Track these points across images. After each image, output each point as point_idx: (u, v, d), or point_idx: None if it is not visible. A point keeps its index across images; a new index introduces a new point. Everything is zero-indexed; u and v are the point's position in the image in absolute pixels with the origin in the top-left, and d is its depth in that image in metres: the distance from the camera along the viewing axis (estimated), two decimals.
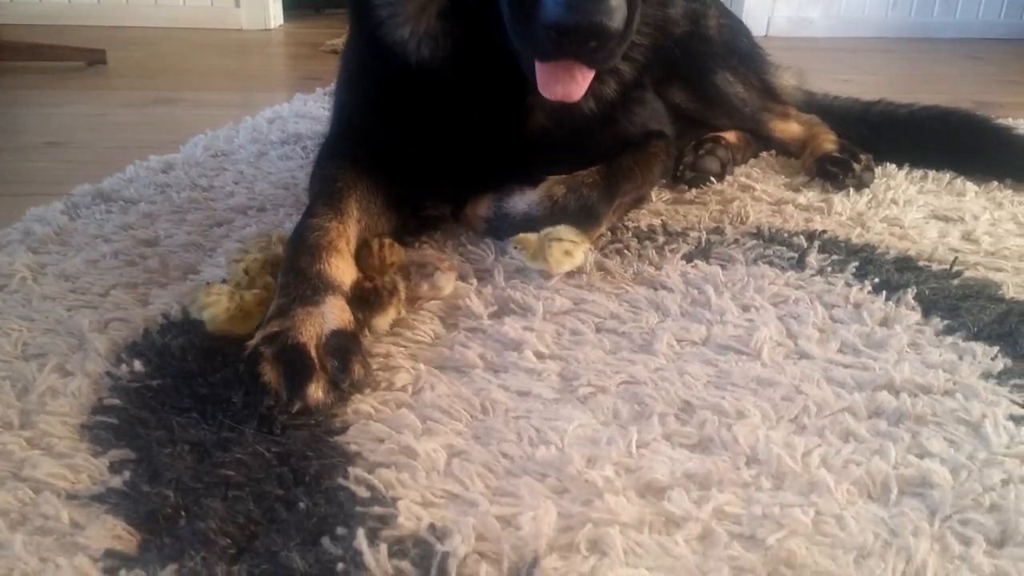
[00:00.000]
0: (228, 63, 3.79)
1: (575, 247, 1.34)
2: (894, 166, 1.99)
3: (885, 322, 1.25)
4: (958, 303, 1.30)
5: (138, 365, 1.08)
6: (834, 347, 1.17)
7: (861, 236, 1.58)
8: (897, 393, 1.06)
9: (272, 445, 0.93)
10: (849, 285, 1.36)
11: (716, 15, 2.05)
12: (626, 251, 1.48)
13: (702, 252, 1.48)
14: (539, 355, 1.15)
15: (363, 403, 1.03)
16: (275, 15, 4.93)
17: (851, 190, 1.82)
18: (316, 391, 1.00)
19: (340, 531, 0.81)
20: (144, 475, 0.89)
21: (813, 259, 1.44)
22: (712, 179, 1.86)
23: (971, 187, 1.88)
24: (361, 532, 0.79)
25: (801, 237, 1.54)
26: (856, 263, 1.43)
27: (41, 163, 2.14)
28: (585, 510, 0.84)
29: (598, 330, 1.22)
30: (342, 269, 1.20)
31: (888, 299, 1.31)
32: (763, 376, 1.09)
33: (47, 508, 0.84)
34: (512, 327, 1.20)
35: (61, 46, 3.49)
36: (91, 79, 3.26)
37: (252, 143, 2.17)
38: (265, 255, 1.29)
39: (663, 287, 1.35)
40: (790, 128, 2.08)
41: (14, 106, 2.79)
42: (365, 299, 1.18)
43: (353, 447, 0.95)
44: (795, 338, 1.20)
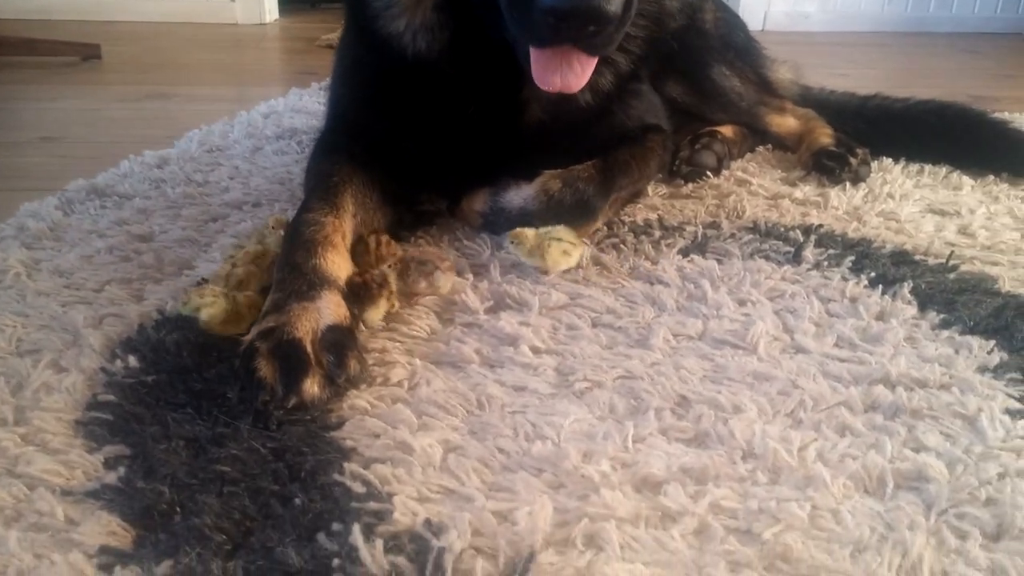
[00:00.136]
0: (223, 58, 3.78)
1: (573, 248, 1.35)
2: (890, 160, 2.00)
3: (881, 316, 1.25)
4: (954, 297, 1.30)
5: (133, 361, 1.08)
6: (830, 341, 1.17)
7: (857, 230, 1.58)
8: (893, 387, 1.06)
9: (268, 441, 0.93)
10: (845, 279, 1.36)
11: (712, 9, 2.04)
12: (622, 246, 1.48)
13: (698, 247, 1.48)
14: (535, 350, 1.14)
15: (359, 398, 1.03)
16: (270, 9, 4.91)
17: (847, 184, 1.83)
18: (312, 386, 1.00)
19: (336, 527, 0.80)
20: (139, 471, 0.89)
21: (809, 253, 1.44)
22: (708, 173, 1.85)
23: (967, 181, 1.88)
24: (357, 528, 0.79)
25: (797, 231, 1.54)
26: (852, 257, 1.43)
27: (35, 158, 2.14)
28: (581, 505, 0.84)
29: (594, 325, 1.22)
30: (338, 264, 1.20)
31: (884, 293, 1.31)
32: (759, 370, 1.09)
33: (42, 504, 0.84)
34: (508, 322, 1.20)
35: (55, 41, 3.48)
36: (85, 74, 3.24)
37: (247, 138, 2.16)
38: (255, 250, 1.29)
39: (659, 282, 1.34)
40: (786, 122, 2.08)
41: (8, 101, 2.78)
42: (355, 293, 1.18)
43: (349, 443, 0.94)
44: (791, 332, 1.20)
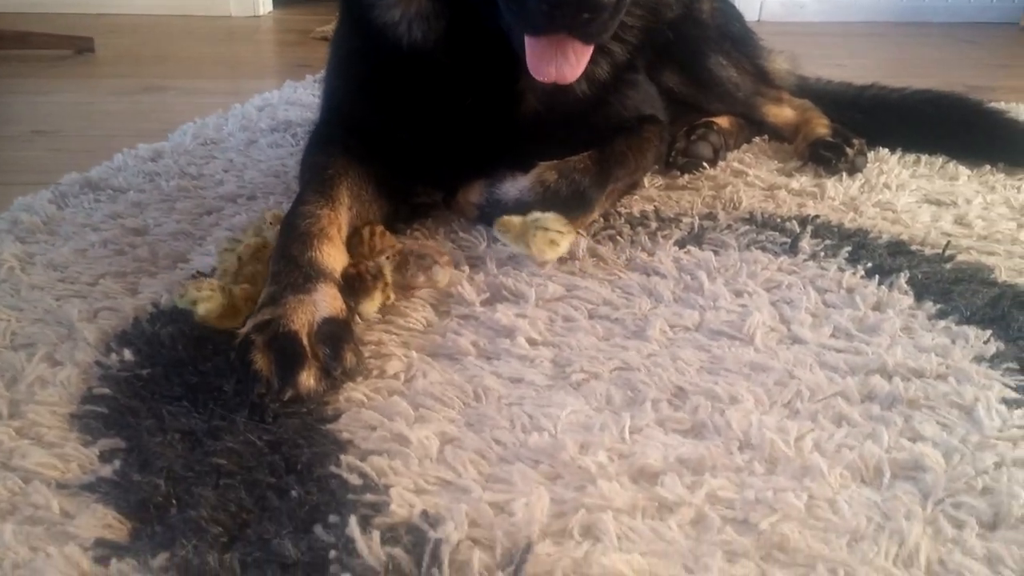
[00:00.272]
0: (217, 50, 3.75)
1: (561, 237, 1.31)
2: (887, 150, 1.99)
3: (878, 306, 1.25)
4: (951, 287, 1.30)
5: (128, 354, 1.08)
6: (827, 332, 1.17)
7: (854, 221, 1.58)
8: (890, 377, 1.06)
9: (263, 433, 0.93)
10: (842, 270, 1.36)
11: None
12: (619, 237, 1.47)
13: (695, 238, 1.48)
14: (532, 342, 1.14)
15: (355, 391, 1.02)
16: (264, 2, 4.87)
17: (844, 175, 1.82)
18: (308, 379, 1.00)
19: (332, 519, 0.80)
20: (134, 464, 0.89)
21: (806, 244, 1.44)
22: (705, 164, 1.85)
23: (964, 171, 1.87)
24: (353, 520, 0.79)
25: (794, 222, 1.54)
26: (849, 248, 1.43)
27: (28, 152, 2.13)
28: (578, 496, 0.84)
29: (591, 316, 1.22)
30: (334, 256, 1.20)
31: (881, 283, 1.31)
32: (756, 361, 1.09)
33: (37, 498, 0.84)
34: (504, 314, 1.19)
35: (48, 34, 3.45)
36: (79, 67, 3.22)
37: (242, 131, 2.15)
38: (256, 242, 1.28)
39: (656, 273, 1.34)
40: (783, 113, 2.07)
41: (1, 95, 2.76)
42: (350, 285, 1.18)
43: (345, 435, 0.94)
44: (788, 323, 1.20)
